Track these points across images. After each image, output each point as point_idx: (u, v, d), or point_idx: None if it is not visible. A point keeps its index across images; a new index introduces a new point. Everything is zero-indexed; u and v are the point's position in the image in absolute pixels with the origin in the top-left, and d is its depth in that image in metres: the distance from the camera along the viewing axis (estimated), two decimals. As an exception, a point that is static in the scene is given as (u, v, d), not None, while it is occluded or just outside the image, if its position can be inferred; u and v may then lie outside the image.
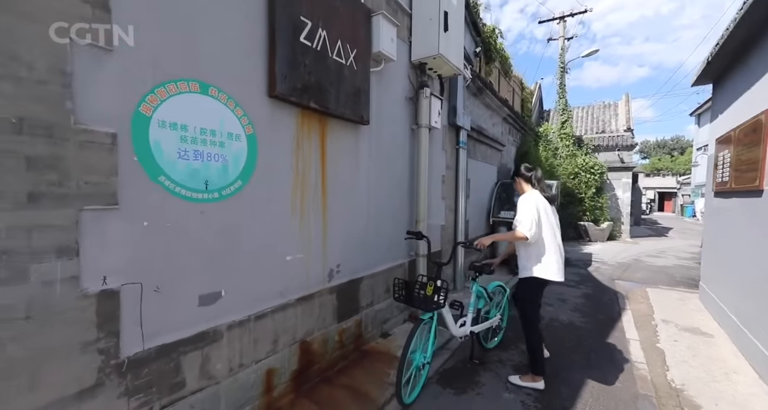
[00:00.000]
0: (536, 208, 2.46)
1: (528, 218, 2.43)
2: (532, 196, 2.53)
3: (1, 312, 1.20)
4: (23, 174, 1.24)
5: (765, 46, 3.04)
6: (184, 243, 1.76)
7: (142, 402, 1.59)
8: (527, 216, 2.44)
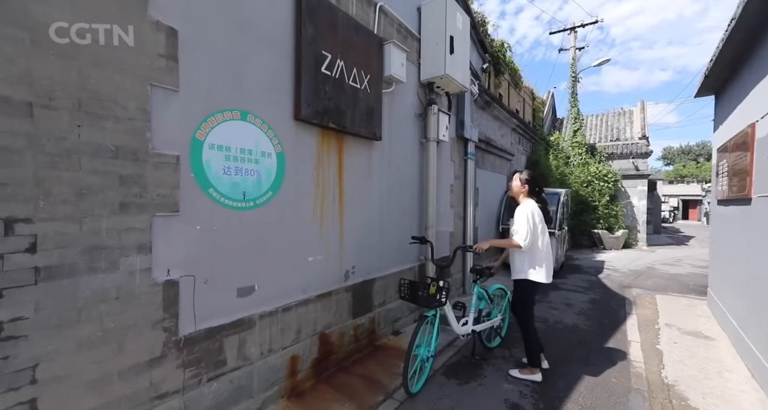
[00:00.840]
0: (532, 219, 2.68)
1: (524, 228, 2.66)
2: (529, 206, 2.73)
3: (102, 293, 1.57)
4: (117, 188, 1.62)
5: (752, 64, 3.24)
6: (227, 243, 2.11)
7: (194, 373, 1.94)
8: (523, 226, 2.67)
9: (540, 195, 2.86)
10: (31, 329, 1.38)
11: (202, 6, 1.95)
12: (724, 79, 4.23)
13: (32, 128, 1.38)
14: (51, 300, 1.43)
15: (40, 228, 1.40)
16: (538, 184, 2.87)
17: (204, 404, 1.99)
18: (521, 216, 2.71)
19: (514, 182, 2.91)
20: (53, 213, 1.43)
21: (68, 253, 1.48)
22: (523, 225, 2.67)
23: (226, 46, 2.09)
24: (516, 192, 2.91)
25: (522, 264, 2.78)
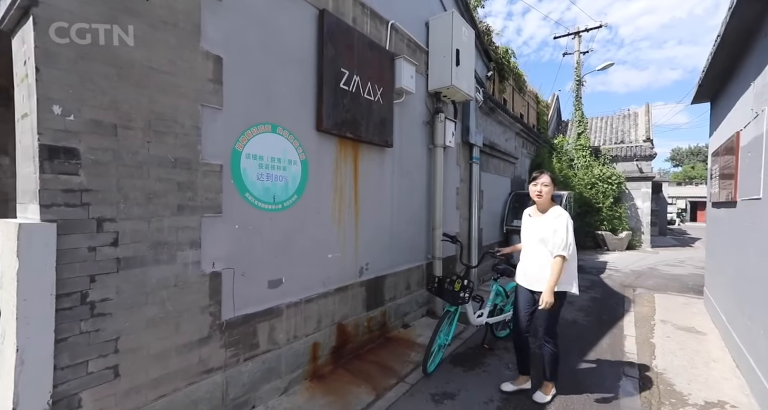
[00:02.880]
0: (572, 228, 2.42)
1: (569, 240, 2.37)
2: (565, 213, 2.45)
3: (164, 281, 1.87)
4: (176, 193, 1.92)
5: (738, 76, 3.47)
6: (259, 241, 2.41)
7: (233, 353, 2.23)
8: (569, 238, 2.37)
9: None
10: (114, 308, 1.68)
11: (241, 35, 2.25)
12: (716, 88, 4.45)
13: (116, 145, 1.68)
14: (128, 286, 1.73)
15: (120, 226, 1.70)
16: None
17: (241, 380, 2.28)
18: (565, 224, 2.39)
19: (545, 183, 2.50)
20: (130, 214, 1.74)
21: (140, 247, 1.78)
22: (568, 237, 2.37)
23: (260, 68, 2.39)
24: (549, 195, 2.53)
25: (565, 274, 2.41)
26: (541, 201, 2.54)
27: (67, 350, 1.54)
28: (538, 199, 2.53)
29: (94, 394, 1.62)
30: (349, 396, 2.57)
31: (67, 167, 1.54)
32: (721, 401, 2.54)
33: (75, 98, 1.56)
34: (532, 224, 2.60)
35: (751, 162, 2.83)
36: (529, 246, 2.59)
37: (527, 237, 2.62)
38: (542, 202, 2.55)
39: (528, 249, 2.60)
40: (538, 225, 2.51)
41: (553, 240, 2.39)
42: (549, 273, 2.38)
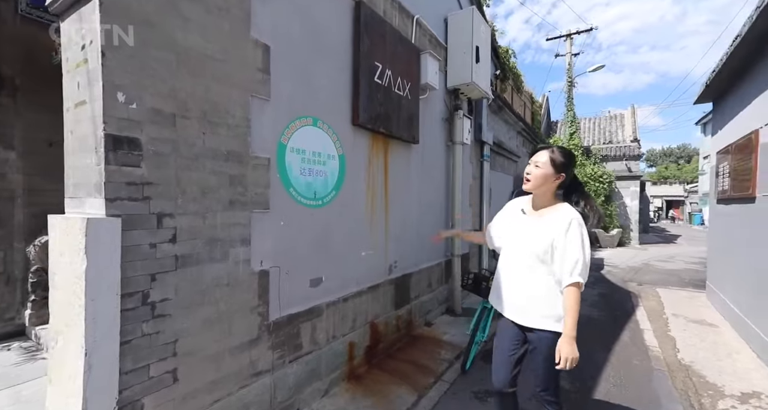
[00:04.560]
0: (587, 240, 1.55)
1: (587, 258, 1.52)
2: (577, 217, 1.57)
3: (217, 279, 1.78)
4: (228, 187, 1.83)
5: (754, 76, 3.59)
6: (302, 238, 2.33)
7: (280, 355, 2.15)
8: (586, 255, 1.52)
9: (580, 190, 1.70)
10: (173, 309, 1.59)
11: (286, 24, 2.17)
12: (723, 88, 4.60)
13: (174, 135, 1.59)
14: (185, 285, 1.64)
15: (178, 222, 1.61)
16: (573, 173, 1.68)
17: (287, 383, 2.20)
18: (574, 235, 1.52)
19: (539, 162, 1.61)
20: (186, 209, 1.64)
21: (196, 244, 1.68)
22: (580, 250, 1.51)
23: (302, 59, 2.31)
24: (541, 182, 1.61)
25: (558, 307, 1.57)
26: (533, 189, 1.64)
27: (130, 353, 1.44)
28: (525, 185, 1.65)
29: (155, 400, 1.53)
30: (391, 396, 2.52)
31: (130, 158, 1.44)
32: (756, 392, 2.61)
33: (137, 85, 1.46)
34: (522, 225, 1.69)
35: (774, 158, 2.93)
36: (513, 257, 1.68)
37: (512, 242, 1.71)
38: (536, 193, 1.65)
39: (511, 262, 1.69)
40: (533, 230, 1.62)
41: (560, 259, 1.53)
42: (546, 306, 1.58)
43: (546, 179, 1.60)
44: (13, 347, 2.82)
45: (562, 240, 1.53)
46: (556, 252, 1.55)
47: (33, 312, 2.95)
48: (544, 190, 1.63)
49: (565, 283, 1.52)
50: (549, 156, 1.60)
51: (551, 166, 1.59)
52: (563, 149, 1.63)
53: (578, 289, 1.51)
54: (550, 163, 1.59)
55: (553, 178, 1.60)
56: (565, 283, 1.52)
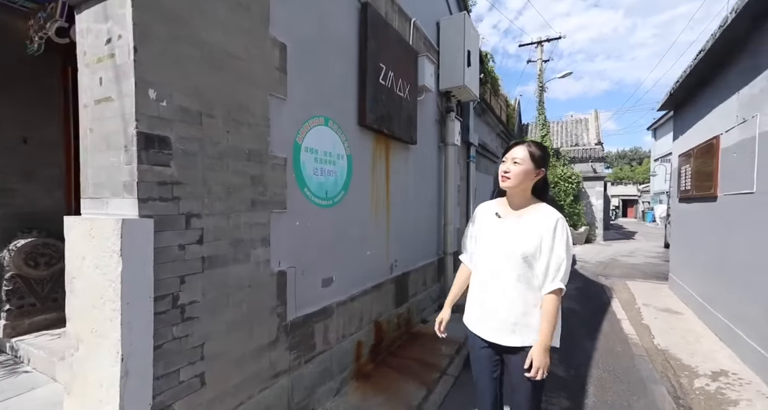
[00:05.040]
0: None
1: (568, 263, 1.43)
2: (562, 217, 1.48)
3: (241, 281, 1.75)
4: (249, 187, 1.80)
5: (715, 87, 3.98)
6: (315, 238, 2.33)
7: (296, 356, 2.14)
8: (569, 259, 1.42)
9: (546, 190, 1.59)
10: (201, 311, 1.55)
11: (300, 24, 2.17)
12: (684, 97, 5.05)
13: (201, 134, 1.55)
14: (211, 287, 1.60)
15: (205, 223, 1.57)
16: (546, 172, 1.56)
17: (304, 383, 2.20)
18: (559, 237, 1.42)
19: (517, 159, 1.47)
20: (212, 209, 1.61)
21: (221, 245, 1.65)
22: (563, 254, 1.41)
23: (315, 58, 2.31)
24: (521, 179, 1.48)
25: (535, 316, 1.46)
26: (512, 187, 1.49)
27: (162, 358, 1.39)
28: (504, 182, 1.50)
29: (185, 405, 1.49)
30: (401, 392, 2.58)
31: (161, 158, 1.39)
32: (723, 370, 2.92)
33: (167, 82, 1.41)
34: (502, 231, 1.52)
35: (736, 161, 3.28)
36: (497, 268, 1.50)
37: (493, 251, 1.53)
38: (514, 192, 1.52)
39: (495, 274, 1.51)
40: (517, 233, 1.48)
41: (545, 262, 1.41)
42: (531, 316, 1.44)
43: (526, 176, 1.47)
44: (-12, 361, 2.59)
45: (549, 241, 1.41)
46: (542, 254, 1.42)
47: (8, 323, 2.72)
48: (523, 187, 1.50)
49: (547, 289, 1.41)
50: (528, 150, 1.47)
51: (531, 161, 1.46)
52: (539, 143, 1.53)
53: (559, 296, 1.41)
54: (529, 158, 1.46)
55: (533, 173, 1.48)
56: (547, 289, 1.41)
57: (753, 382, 2.73)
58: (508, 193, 1.56)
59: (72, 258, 1.42)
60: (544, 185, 1.56)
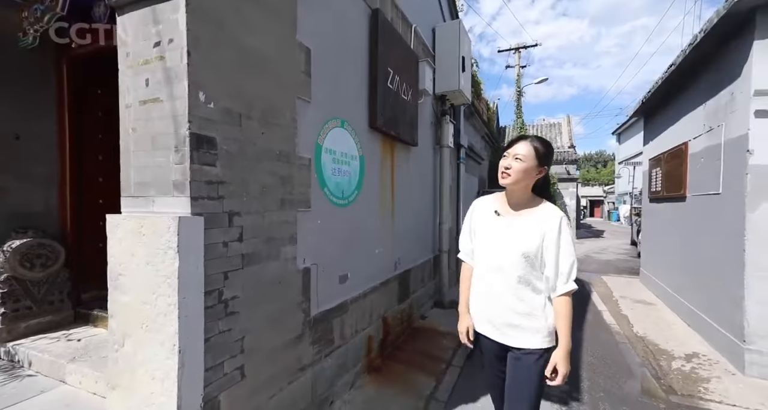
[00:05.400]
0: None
1: (573, 258, 1.39)
2: (564, 216, 1.42)
3: (273, 277, 1.81)
4: (279, 187, 1.87)
5: (684, 98, 4.38)
6: (333, 236, 2.41)
7: (317, 350, 2.21)
8: (572, 257, 1.39)
9: (548, 189, 1.52)
10: (241, 306, 1.60)
11: (321, 29, 2.25)
12: (655, 106, 5.49)
13: (241, 135, 1.60)
14: (249, 282, 1.66)
15: (244, 221, 1.62)
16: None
17: (324, 376, 2.27)
18: (564, 236, 1.38)
19: (519, 155, 1.40)
20: (250, 208, 1.66)
21: (257, 243, 1.71)
22: (571, 252, 1.38)
23: (334, 62, 2.39)
24: (522, 176, 1.40)
25: (551, 318, 1.43)
26: (512, 185, 1.42)
27: (210, 351, 1.44)
28: (503, 179, 1.43)
29: (228, 396, 1.54)
30: (412, 383, 2.70)
31: (208, 157, 1.44)
32: (695, 352, 3.25)
33: (214, 85, 1.46)
34: (502, 229, 1.47)
35: (704, 165, 3.65)
36: (498, 267, 1.46)
37: (494, 250, 1.48)
38: (514, 189, 1.45)
39: (497, 272, 1.46)
40: (518, 232, 1.43)
41: (553, 263, 1.37)
42: (541, 319, 1.41)
43: (528, 173, 1.39)
44: (-17, 367, 2.48)
45: (554, 241, 1.36)
46: (546, 255, 1.38)
47: (3, 327, 2.60)
48: (524, 185, 1.42)
49: (561, 291, 1.36)
50: (532, 146, 1.39)
51: (535, 157, 1.38)
52: (543, 139, 1.43)
53: (571, 297, 1.38)
54: (533, 154, 1.38)
55: (535, 171, 1.40)
56: (561, 291, 1.36)
57: (720, 362, 3.07)
58: (508, 189, 1.49)
59: (117, 255, 1.44)
60: (545, 183, 1.49)
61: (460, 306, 1.66)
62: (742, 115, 3.00)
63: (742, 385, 2.69)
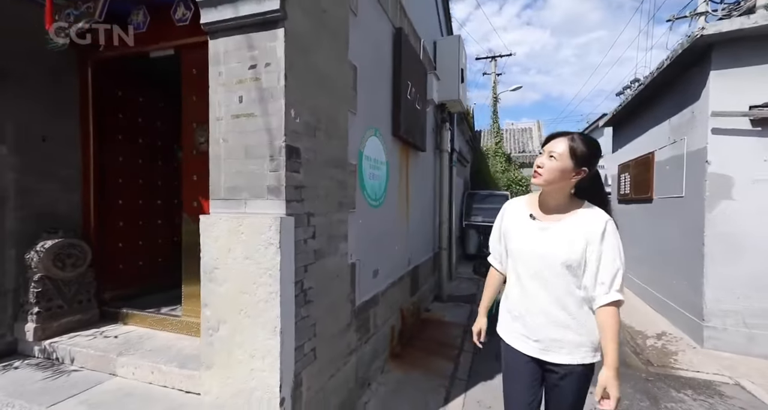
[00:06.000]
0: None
1: (620, 266, 1.24)
2: (611, 220, 1.30)
3: (332, 271, 2.04)
4: (338, 191, 2.10)
5: (650, 113, 5.01)
6: (368, 235, 2.66)
7: (359, 337, 2.46)
8: (618, 264, 1.23)
9: (600, 193, 1.39)
10: (314, 296, 1.82)
11: (362, 45, 2.50)
12: (623, 118, 6.16)
13: (314, 145, 1.83)
14: (319, 275, 1.88)
15: (316, 221, 1.85)
16: (597, 170, 1.36)
17: (363, 361, 2.52)
18: (610, 242, 1.25)
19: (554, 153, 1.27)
20: (319, 209, 1.89)
21: (323, 240, 1.93)
22: (617, 260, 1.23)
23: (369, 78, 2.65)
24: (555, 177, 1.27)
25: (596, 331, 1.29)
26: (544, 186, 1.32)
27: (297, 333, 1.66)
28: (535, 179, 1.32)
29: (307, 374, 1.75)
30: (433, 367, 3.00)
31: (295, 165, 1.66)
32: (664, 331, 3.81)
33: (299, 102, 1.68)
34: (539, 233, 1.35)
35: (669, 172, 4.24)
36: (535, 275, 1.34)
37: (531, 256, 1.35)
38: (548, 191, 1.33)
39: (534, 281, 1.35)
40: (557, 237, 1.30)
41: (593, 271, 1.24)
42: (583, 333, 1.29)
43: (563, 174, 1.25)
44: (20, 365, 2.49)
45: (596, 248, 1.23)
46: (589, 263, 1.24)
47: (38, 326, 2.61)
48: (558, 187, 1.29)
49: (602, 301, 1.22)
50: (568, 145, 1.25)
51: (570, 158, 1.24)
52: (586, 137, 1.28)
53: (618, 309, 1.24)
54: (569, 154, 1.24)
55: (571, 173, 1.26)
56: (602, 301, 1.22)
57: (684, 338, 3.62)
58: (543, 191, 1.35)
59: (213, 250, 1.62)
60: (594, 186, 1.35)
61: (480, 306, 1.62)
62: (702, 131, 3.57)
63: (702, 356, 3.24)
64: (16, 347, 2.70)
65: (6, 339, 2.66)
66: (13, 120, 2.68)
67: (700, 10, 8.34)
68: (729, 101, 3.38)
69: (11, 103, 2.68)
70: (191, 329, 2.67)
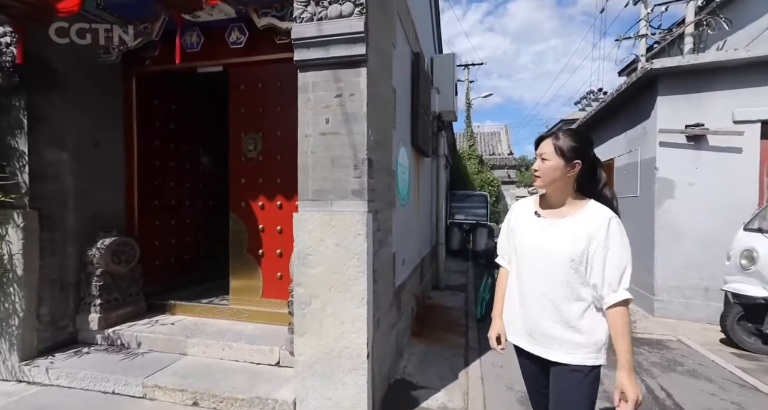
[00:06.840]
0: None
1: (629, 265, 1.25)
2: (615, 217, 1.29)
3: (385, 260, 2.52)
4: (388, 192, 2.58)
5: (610, 126, 5.90)
6: (399, 229, 3.15)
7: (397, 313, 2.94)
8: (630, 261, 1.26)
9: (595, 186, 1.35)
10: (378, 277, 2.28)
11: (396, 71, 2.98)
12: (588, 129, 7.10)
13: (377, 156, 2.29)
14: (381, 260, 2.34)
15: (378, 217, 2.32)
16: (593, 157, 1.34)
17: (399, 334, 3.01)
18: (614, 239, 1.24)
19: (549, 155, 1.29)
20: (381, 207, 2.36)
21: (381, 234, 2.40)
22: (625, 258, 1.25)
23: (400, 97, 3.14)
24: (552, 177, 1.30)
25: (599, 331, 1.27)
26: (545, 187, 1.35)
27: (373, 304, 2.13)
28: (535, 182, 1.37)
29: (376, 338, 2.22)
30: (448, 341, 3.55)
31: (371, 173, 2.12)
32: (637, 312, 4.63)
33: (372, 123, 2.15)
34: (543, 231, 1.35)
35: (626, 176, 5.10)
36: (537, 272, 1.34)
37: (533, 253, 1.36)
38: (551, 191, 1.36)
39: (536, 278, 1.34)
40: (560, 234, 1.30)
41: (599, 269, 1.23)
42: (586, 332, 1.26)
43: (557, 172, 1.28)
44: (90, 351, 2.72)
45: (601, 244, 1.23)
46: (593, 260, 1.24)
47: (102, 316, 2.83)
48: (559, 186, 1.31)
49: (611, 301, 1.21)
50: (553, 143, 1.28)
51: (558, 155, 1.26)
52: (571, 131, 1.31)
53: (627, 307, 1.23)
54: (556, 152, 1.27)
55: (565, 169, 1.27)
56: (611, 301, 1.21)
57: (639, 311, 4.46)
58: (546, 191, 1.38)
59: (307, 240, 2.05)
60: (592, 178, 1.33)
61: (493, 311, 1.57)
62: (652, 144, 4.41)
63: (653, 322, 4.06)
64: (77, 336, 2.92)
65: (68, 329, 2.88)
66: (72, 128, 2.90)
67: (642, 32, 9.68)
68: (672, 120, 4.24)
69: (71, 113, 2.89)
70: (241, 315, 3.03)
